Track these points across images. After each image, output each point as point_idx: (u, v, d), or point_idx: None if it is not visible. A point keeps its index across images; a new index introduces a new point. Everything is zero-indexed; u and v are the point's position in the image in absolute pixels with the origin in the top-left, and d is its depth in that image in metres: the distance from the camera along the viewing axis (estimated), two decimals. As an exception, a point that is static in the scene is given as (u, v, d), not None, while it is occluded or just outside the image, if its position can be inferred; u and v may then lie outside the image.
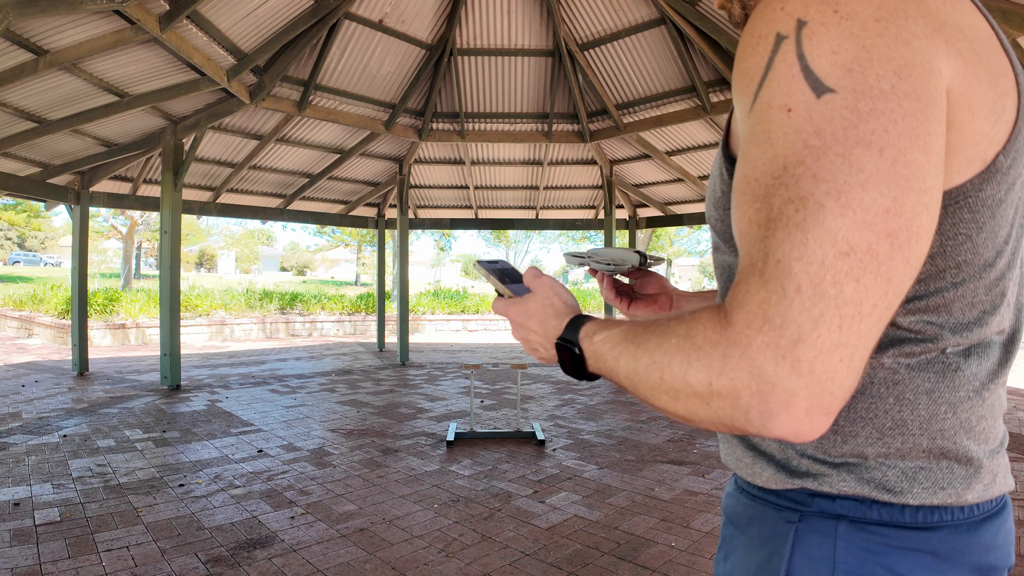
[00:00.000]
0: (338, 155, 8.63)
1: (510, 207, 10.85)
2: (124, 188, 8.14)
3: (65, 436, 4.43)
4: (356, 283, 38.15)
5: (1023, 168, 0.49)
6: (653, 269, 0.90)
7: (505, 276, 0.73)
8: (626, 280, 0.91)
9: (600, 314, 9.66)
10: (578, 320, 0.60)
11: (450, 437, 4.45)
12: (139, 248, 33.86)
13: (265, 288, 16.62)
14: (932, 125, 0.42)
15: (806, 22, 0.43)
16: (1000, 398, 0.54)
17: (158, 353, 6.50)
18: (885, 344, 0.51)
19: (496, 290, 0.72)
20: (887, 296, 0.41)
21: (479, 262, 0.75)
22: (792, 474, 0.55)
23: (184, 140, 6.74)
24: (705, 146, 8.16)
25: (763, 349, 0.41)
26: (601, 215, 10.93)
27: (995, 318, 0.52)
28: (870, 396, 0.51)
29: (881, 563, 0.50)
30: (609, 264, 0.87)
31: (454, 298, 16.96)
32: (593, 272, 0.90)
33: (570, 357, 0.59)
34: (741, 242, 0.45)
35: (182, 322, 9.39)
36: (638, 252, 0.86)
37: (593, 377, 0.59)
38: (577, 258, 0.90)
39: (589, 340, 0.57)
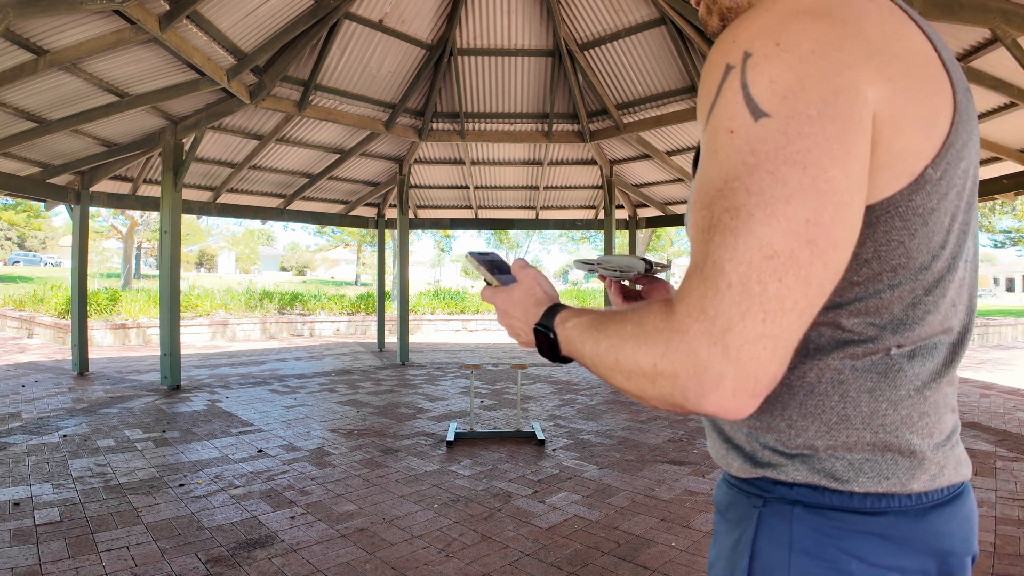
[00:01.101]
0: (338, 155, 8.62)
1: (510, 207, 10.85)
2: (124, 188, 8.14)
3: (65, 436, 4.43)
4: (356, 283, 38.14)
5: (959, 178, 0.53)
6: (658, 275, 0.96)
7: (494, 267, 0.78)
8: (637, 287, 0.97)
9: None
10: (554, 308, 0.67)
11: (450, 437, 4.45)
12: (139, 248, 33.86)
13: (265, 288, 16.62)
14: (852, 147, 0.47)
15: (751, 54, 0.49)
16: (947, 396, 0.58)
17: (158, 353, 6.50)
18: (831, 346, 0.55)
19: (485, 279, 0.77)
20: (807, 296, 0.47)
21: (470, 253, 0.82)
22: (757, 464, 0.60)
23: (184, 140, 6.74)
24: (705, 146, 8.16)
25: (699, 336, 0.47)
26: (601, 215, 10.93)
27: (937, 318, 0.55)
28: (818, 394, 0.56)
29: (834, 544, 0.55)
30: (616, 271, 0.92)
31: (454, 298, 16.96)
32: (602, 278, 0.96)
33: (546, 340, 0.66)
34: (691, 244, 0.51)
35: (182, 322, 9.39)
36: (644, 259, 0.91)
37: (566, 360, 0.66)
38: (587, 265, 0.97)
39: (562, 326, 0.64)
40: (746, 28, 0.51)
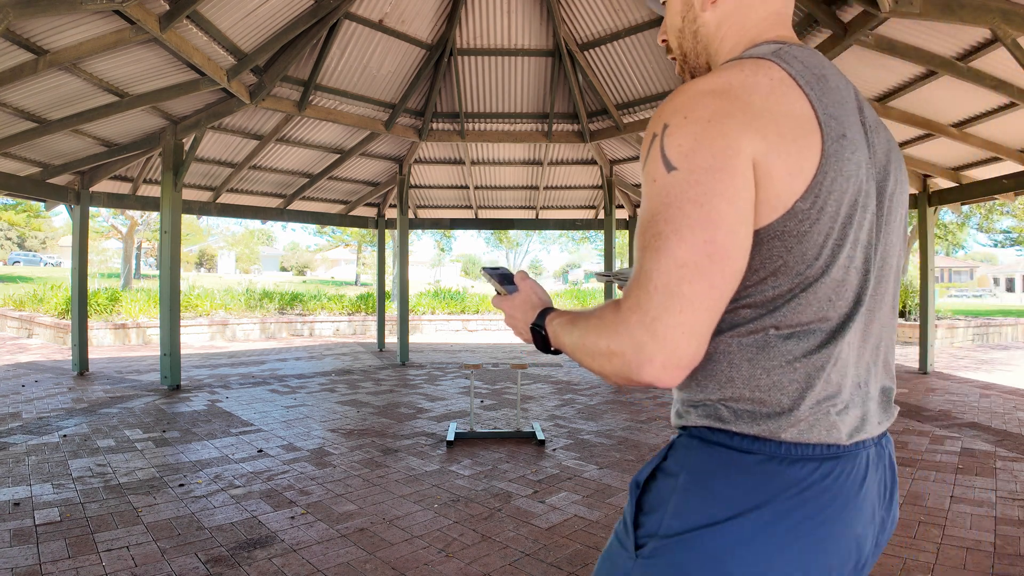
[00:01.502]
0: (338, 155, 8.62)
1: (510, 207, 10.85)
2: (124, 188, 8.14)
3: (65, 436, 4.43)
4: (356, 283, 38.11)
5: (831, 206, 0.69)
6: None
7: (503, 279, 0.95)
8: None
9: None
10: (546, 311, 0.87)
11: (450, 437, 4.45)
12: (139, 248, 33.85)
13: (265, 288, 16.61)
14: (735, 189, 0.64)
15: (668, 126, 0.68)
16: (822, 370, 0.71)
17: (158, 353, 6.50)
18: (726, 327, 0.73)
19: (495, 289, 0.95)
20: (711, 295, 0.64)
21: (484, 268, 0.99)
22: (679, 417, 0.80)
23: (184, 140, 6.74)
24: (705, 146, 8.15)
25: (636, 325, 0.65)
26: (601, 215, 10.92)
27: (811, 310, 0.71)
28: (714, 362, 0.73)
29: (712, 468, 0.72)
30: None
31: (454, 298, 16.96)
32: (621, 288, 1.06)
33: (539, 336, 0.86)
34: (634, 259, 0.70)
35: (182, 322, 9.38)
36: None
37: (557, 352, 0.85)
38: (605, 277, 1.12)
39: (551, 324, 0.83)
40: (670, 104, 0.70)
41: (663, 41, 0.94)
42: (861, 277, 0.74)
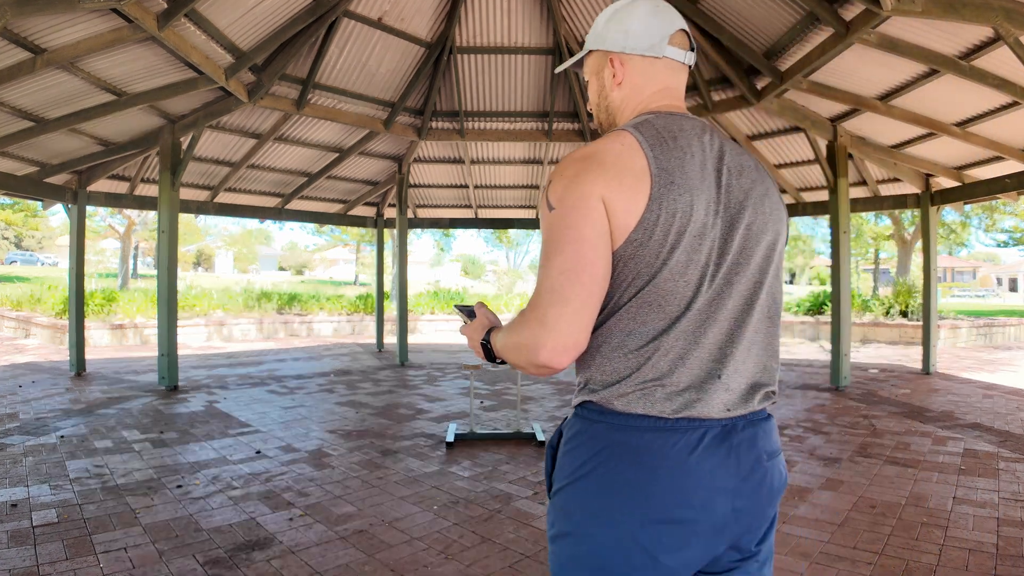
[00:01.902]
0: (337, 154, 8.60)
1: (510, 206, 10.83)
2: (122, 187, 8.11)
3: (63, 437, 4.41)
4: (355, 283, 38.07)
5: (659, 235, 0.90)
6: None
7: (468, 313, 1.21)
8: None
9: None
10: (491, 330, 1.10)
11: (450, 438, 4.43)
12: (136, 248, 33.79)
13: (263, 288, 16.59)
14: (592, 219, 0.88)
15: (551, 181, 0.94)
16: (649, 359, 0.91)
17: (156, 353, 6.47)
18: (598, 326, 0.94)
19: (464, 321, 1.23)
20: (582, 295, 0.87)
21: (456, 306, 1.30)
22: (579, 395, 1.00)
23: (182, 139, 6.71)
24: (705, 145, 8.13)
25: (532, 320, 0.89)
26: (601, 214, 10.89)
27: (643, 313, 0.92)
28: (590, 353, 0.95)
29: (579, 434, 0.96)
30: None
31: (454, 298, 16.93)
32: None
33: (486, 349, 1.09)
34: (539, 277, 0.91)
35: (180, 322, 9.35)
36: None
37: (502, 363, 1.10)
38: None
39: (493, 338, 1.07)
40: (556, 167, 0.95)
41: (589, 111, 1.35)
42: (693, 290, 0.93)
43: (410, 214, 10.82)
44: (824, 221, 22.74)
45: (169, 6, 4.55)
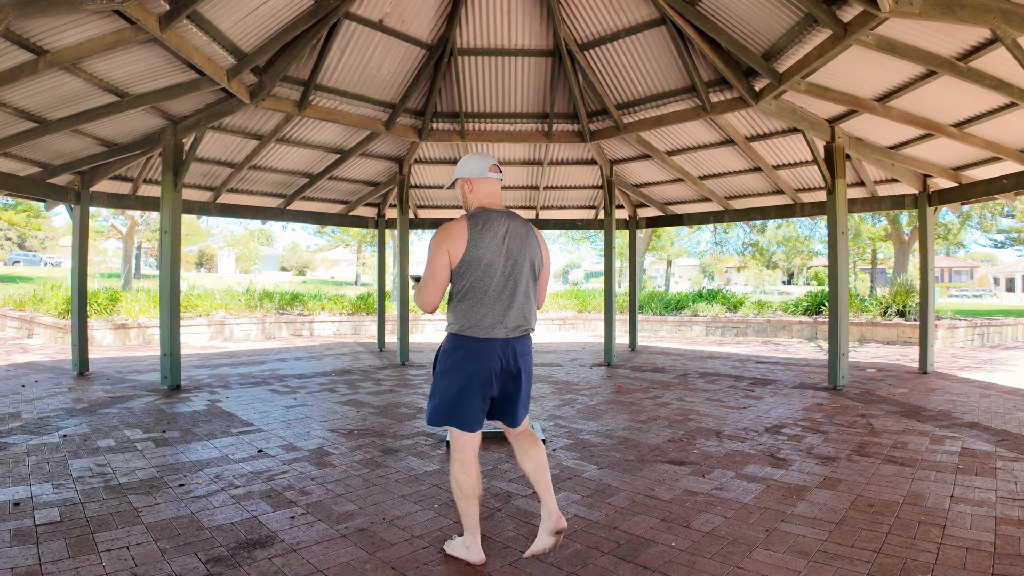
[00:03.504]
0: (338, 155, 8.63)
1: (510, 207, 10.81)
2: (124, 188, 8.14)
3: (65, 436, 4.43)
4: (356, 283, 38.09)
5: (472, 264, 2.35)
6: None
7: (416, 279, 2.54)
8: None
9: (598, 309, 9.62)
10: (416, 279, 2.54)
11: (449, 437, 4.45)
12: (139, 248, 33.83)
13: (265, 288, 16.59)
14: (441, 259, 2.36)
15: (433, 239, 2.39)
16: (475, 314, 2.36)
17: (159, 353, 6.49)
18: (451, 300, 2.44)
19: (413, 284, 2.52)
20: (433, 288, 2.38)
21: (411, 276, 2.70)
22: (447, 329, 2.46)
23: (184, 140, 6.74)
24: (705, 146, 8.16)
25: (417, 290, 2.44)
26: (601, 215, 10.93)
27: (470, 294, 2.37)
28: (451, 311, 2.43)
29: (449, 343, 2.44)
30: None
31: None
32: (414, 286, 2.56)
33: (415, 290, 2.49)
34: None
35: (182, 322, 9.37)
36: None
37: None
38: (414, 278, 2.63)
39: (416, 288, 2.48)
40: (437, 230, 2.39)
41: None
42: (496, 285, 2.38)
43: (411, 215, 10.85)
44: (822, 221, 22.75)
45: (171, 7, 4.58)
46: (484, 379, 2.36)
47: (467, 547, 2.51)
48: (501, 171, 2.53)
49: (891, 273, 20.84)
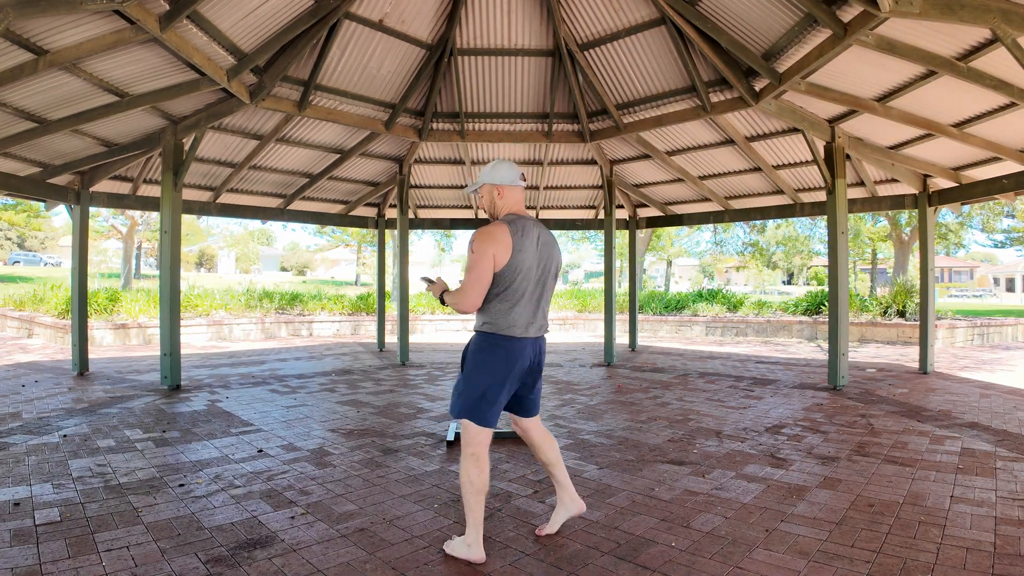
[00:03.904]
0: (338, 155, 8.63)
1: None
2: (124, 188, 8.14)
3: (65, 436, 4.43)
4: (356, 283, 38.09)
5: (514, 271, 2.46)
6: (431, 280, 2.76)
7: (428, 281, 2.76)
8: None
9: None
10: (444, 291, 2.63)
11: (450, 437, 4.45)
12: (139, 248, 33.83)
13: (265, 288, 16.59)
14: (487, 263, 2.43)
15: (474, 240, 2.45)
16: (511, 315, 2.48)
17: (159, 353, 6.49)
18: (489, 300, 2.50)
19: (427, 286, 2.73)
20: (479, 289, 2.46)
21: (422, 277, 2.87)
22: (476, 327, 2.57)
23: (184, 140, 6.74)
24: (705, 146, 8.16)
25: (458, 292, 2.50)
26: (601, 215, 10.93)
27: (507, 295, 2.48)
28: (484, 312, 2.53)
29: (481, 341, 2.53)
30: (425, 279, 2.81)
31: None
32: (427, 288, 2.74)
33: (441, 300, 2.61)
34: (464, 276, 2.50)
35: (182, 322, 9.37)
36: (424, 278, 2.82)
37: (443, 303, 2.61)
38: (427, 280, 2.80)
39: (445, 295, 2.60)
40: (479, 231, 2.46)
41: (481, 207, 2.96)
42: (531, 289, 2.51)
43: (411, 215, 10.85)
44: (822, 221, 22.75)
45: (171, 7, 4.58)
46: (516, 376, 2.51)
47: (469, 545, 2.52)
48: (525, 179, 2.65)
49: (891, 273, 20.84)
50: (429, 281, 2.70)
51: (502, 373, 2.47)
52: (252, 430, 4.76)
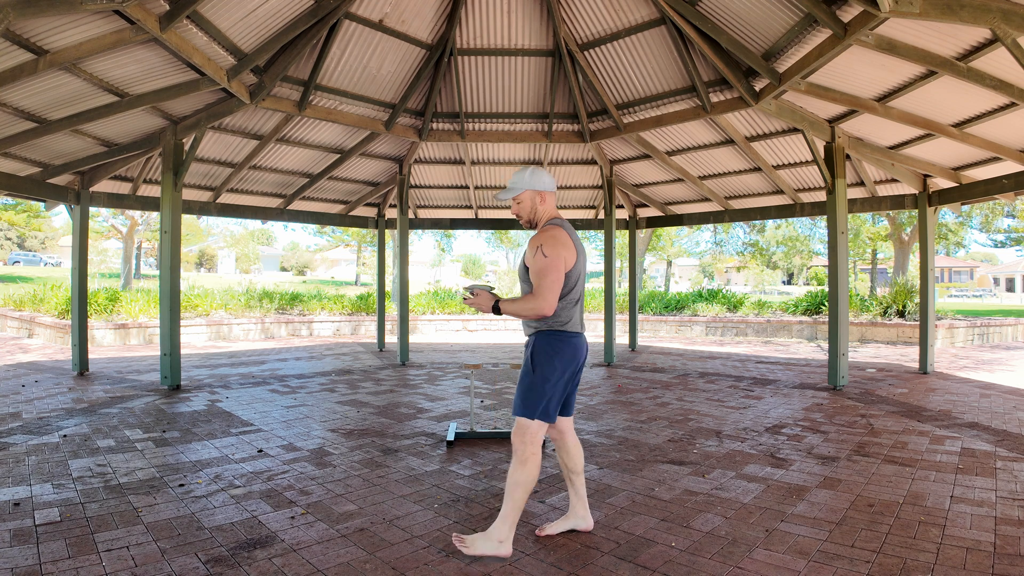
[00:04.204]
0: (338, 155, 8.63)
1: (510, 207, 10.83)
2: (124, 188, 8.14)
3: (65, 436, 4.43)
4: (356, 283, 38.09)
5: (575, 270, 2.60)
6: (482, 288, 2.66)
7: (471, 290, 2.65)
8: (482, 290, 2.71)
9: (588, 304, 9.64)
10: (498, 301, 2.57)
11: (450, 437, 4.45)
12: (139, 248, 33.83)
13: (265, 288, 16.59)
14: (560, 265, 2.51)
15: (542, 244, 2.54)
16: (574, 314, 2.64)
17: (159, 353, 6.50)
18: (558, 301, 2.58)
19: (465, 296, 2.66)
20: (555, 292, 2.48)
21: (464, 287, 2.74)
22: (537, 327, 2.65)
23: (184, 140, 6.74)
24: (705, 146, 8.16)
25: (539, 295, 2.48)
26: (601, 215, 10.93)
27: (571, 297, 2.61)
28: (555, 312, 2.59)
29: (548, 338, 2.61)
30: (470, 287, 2.66)
31: (454, 298, 16.94)
32: (466, 296, 2.67)
33: (496, 311, 2.55)
34: (533, 281, 2.54)
35: (182, 322, 9.38)
36: (487, 284, 2.68)
37: (497, 312, 2.57)
38: (468, 288, 2.67)
39: (502, 304, 2.55)
40: (543, 236, 2.57)
41: (516, 214, 2.80)
42: (581, 289, 2.66)
43: (411, 215, 10.85)
44: (822, 221, 22.75)
45: (171, 7, 4.58)
46: (576, 370, 2.66)
47: (500, 541, 2.53)
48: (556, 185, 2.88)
49: (891, 273, 20.83)
50: (471, 293, 2.61)
51: (569, 369, 2.59)
52: (252, 430, 4.76)
